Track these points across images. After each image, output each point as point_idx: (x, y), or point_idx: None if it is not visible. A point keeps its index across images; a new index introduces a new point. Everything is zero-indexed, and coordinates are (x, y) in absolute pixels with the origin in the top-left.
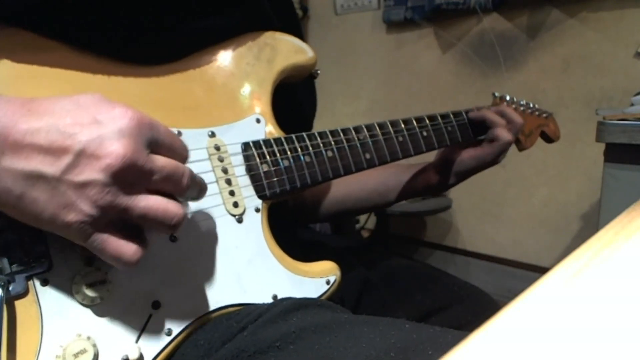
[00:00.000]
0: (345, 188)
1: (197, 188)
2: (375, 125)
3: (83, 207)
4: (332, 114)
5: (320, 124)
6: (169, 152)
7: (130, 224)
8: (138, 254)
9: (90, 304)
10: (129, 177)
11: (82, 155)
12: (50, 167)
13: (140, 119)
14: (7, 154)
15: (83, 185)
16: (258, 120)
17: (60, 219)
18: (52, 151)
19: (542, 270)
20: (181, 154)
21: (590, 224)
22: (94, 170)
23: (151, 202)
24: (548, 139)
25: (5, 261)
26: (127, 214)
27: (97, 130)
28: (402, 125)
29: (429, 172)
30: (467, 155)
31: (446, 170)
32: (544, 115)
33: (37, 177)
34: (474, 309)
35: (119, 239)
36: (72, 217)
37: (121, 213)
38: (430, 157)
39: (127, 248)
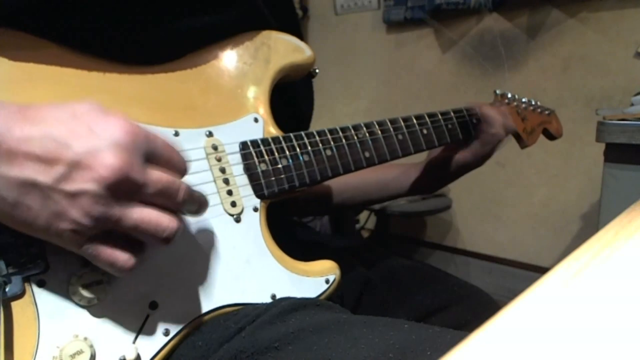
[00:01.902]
0: (343, 183)
1: (196, 203)
2: (375, 123)
3: (75, 216)
4: (332, 114)
5: (320, 124)
6: (166, 165)
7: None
8: (131, 262)
9: (87, 305)
10: (122, 189)
11: (75, 166)
12: (43, 175)
13: (136, 131)
14: (1, 161)
15: (75, 195)
16: (256, 120)
17: (54, 227)
18: (46, 160)
19: (542, 270)
20: (179, 167)
21: (590, 224)
22: (87, 180)
23: (144, 214)
24: (550, 136)
25: (1, 262)
26: (119, 225)
27: (92, 141)
28: (402, 123)
29: (417, 172)
30: (456, 155)
31: (434, 170)
32: (546, 112)
33: (30, 185)
34: (474, 309)
35: (112, 247)
36: (64, 225)
37: (114, 224)
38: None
39: (119, 256)
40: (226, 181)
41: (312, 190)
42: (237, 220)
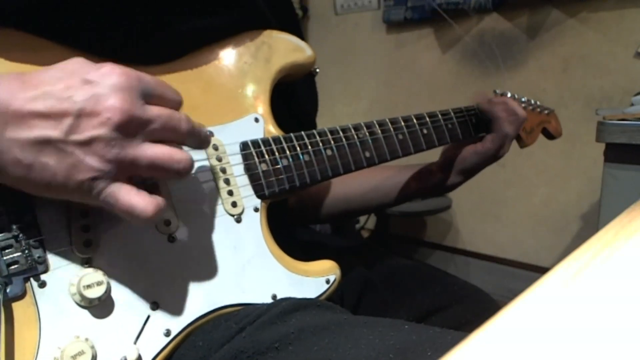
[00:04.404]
0: (345, 188)
1: (198, 136)
2: (375, 123)
3: (92, 163)
4: (332, 114)
5: (320, 124)
6: (161, 100)
7: (141, 178)
8: (152, 205)
9: (88, 305)
10: (130, 128)
11: (81, 115)
12: (53, 130)
13: (128, 72)
14: (10, 125)
15: (88, 142)
16: (257, 120)
17: (72, 180)
18: (53, 115)
19: (542, 270)
20: (174, 100)
21: (590, 224)
22: (96, 126)
23: (157, 150)
24: (550, 135)
25: (2, 263)
26: (135, 165)
27: (91, 89)
28: (402, 123)
29: (432, 172)
30: (469, 152)
31: (450, 169)
32: (546, 111)
33: (43, 143)
34: (474, 309)
35: (131, 191)
36: (82, 175)
37: (130, 165)
38: (430, 156)
39: (140, 199)
40: (227, 181)
41: (331, 196)
42: (238, 220)
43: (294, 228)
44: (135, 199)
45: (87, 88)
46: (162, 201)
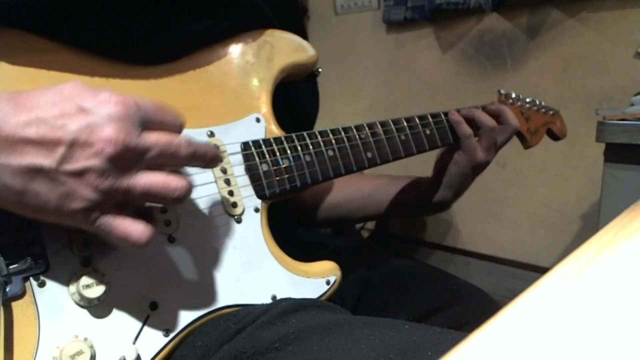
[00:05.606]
0: (341, 193)
1: (202, 157)
2: (377, 123)
3: (85, 194)
4: (332, 114)
5: (320, 123)
6: (161, 125)
7: (135, 205)
8: (146, 234)
9: (87, 305)
10: (125, 159)
11: (75, 145)
12: (45, 159)
13: (125, 101)
14: (1, 150)
15: (81, 173)
16: (258, 120)
17: (65, 208)
18: (45, 144)
19: (542, 270)
20: (174, 124)
21: (590, 224)
22: (89, 157)
23: (151, 179)
24: (554, 136)
25: (2, 262)
26: (129, 194)
27: (86, 118)
28: (405, 123)
29: (425, 185)
30: (449, 163)
31: (439, 183)
32: (550, 112)
33: (35, 171)
34: (474, 309)
35: (125, 220)
36: (76, 204)
37: (123, 195)
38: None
39: (134, 228)
40: (227, 182)
41: (327, 202)
42: (238, 221)
43: (294, 228)
44: (130, 229)
45: (82, 117)
46: (154, 226)
